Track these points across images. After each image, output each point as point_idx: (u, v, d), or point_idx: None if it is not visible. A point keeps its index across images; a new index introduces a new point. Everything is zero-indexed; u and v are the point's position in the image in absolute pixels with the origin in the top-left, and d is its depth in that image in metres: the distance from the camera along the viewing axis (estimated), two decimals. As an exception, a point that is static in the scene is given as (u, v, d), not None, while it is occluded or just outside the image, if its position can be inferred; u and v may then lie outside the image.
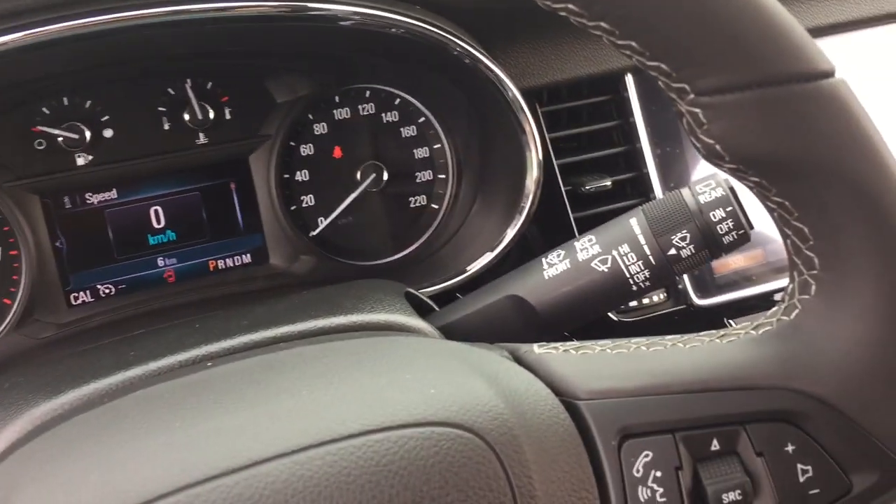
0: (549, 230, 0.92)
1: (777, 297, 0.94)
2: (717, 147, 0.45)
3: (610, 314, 0.90)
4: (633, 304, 0.92)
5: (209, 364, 0.55)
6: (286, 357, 0.51)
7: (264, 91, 0.92)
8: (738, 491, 0.46)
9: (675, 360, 0.49)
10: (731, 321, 0.93)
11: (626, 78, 0.94)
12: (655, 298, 0.92)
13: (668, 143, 0.94)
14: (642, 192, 0.94)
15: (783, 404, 0.47)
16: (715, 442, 0.47)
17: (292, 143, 0.94)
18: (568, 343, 0.52)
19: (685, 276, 0.92)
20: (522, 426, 0.45)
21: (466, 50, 0.81)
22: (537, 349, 0.52)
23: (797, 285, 0.49)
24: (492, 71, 0.83)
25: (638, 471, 0.46)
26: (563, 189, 0.91)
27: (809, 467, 0.46)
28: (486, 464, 0.43)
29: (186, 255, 0.92)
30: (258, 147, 0.92)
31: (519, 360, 0.52)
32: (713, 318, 0.93)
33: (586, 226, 0.92)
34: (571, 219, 0.91)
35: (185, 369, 0.57)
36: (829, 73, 0.44)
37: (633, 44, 0.43)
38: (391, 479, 0.41)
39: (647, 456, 0.46)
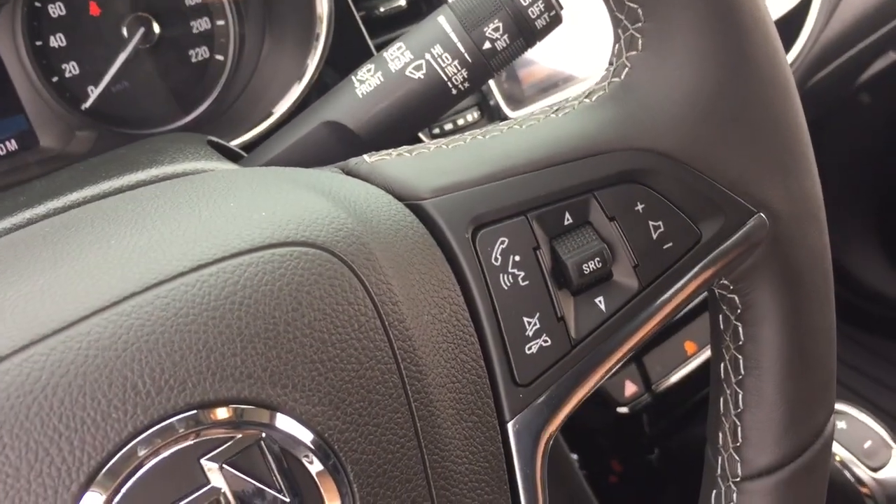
0: (349, 63, 0.86)
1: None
2: None
3: (425, 140, 0.86)
4: (448, 126, 0.89)
5: None
6: (81, 214, 0.44)
7: (-11, -56, 0.77)
8: (598, 259, 0.44)
9: (516, 141, 0.46)
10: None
11: None
12: (469, 118, 0.90)
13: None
14: (438, 7, 0.89)
15: (628, 165, 0.45)
16: (567, 215, 0.45)
17: (38, 5, 0.81)
18: (402, 147, 0.48)
19: (496, 92, 0.90)
20: (370, 233, 0.41)
21: None
22: (368, 159, 0.47)
23: (623, 43, 0.47)
24: None
25: (496, 259, 0.43)
26: (356, 14, 0.84)
27: (660, 223, 0.46)
28: (339, 277, 0.38)
29: (-64, 151, 0.78)
30: (-4, 13, 0.78)
31: (351, 173, 0.47)
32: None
33: (387, 52, 0.87)
34: (371, 45, 0.85)
35: None
36: None
37: None
38: (236, 311, 0.36)
39: (503, 242, 0.43)
